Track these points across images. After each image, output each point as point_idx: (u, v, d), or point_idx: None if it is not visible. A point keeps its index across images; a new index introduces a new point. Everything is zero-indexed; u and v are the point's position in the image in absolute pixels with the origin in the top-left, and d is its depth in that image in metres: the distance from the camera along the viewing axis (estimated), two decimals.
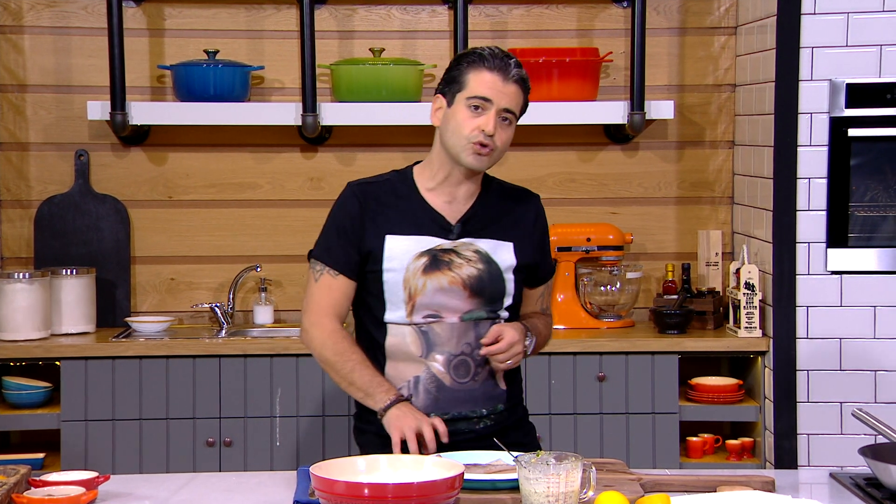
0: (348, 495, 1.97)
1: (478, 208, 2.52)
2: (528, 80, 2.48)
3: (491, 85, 2.41)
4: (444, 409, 2.46)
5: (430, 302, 2.45)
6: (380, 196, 2.51)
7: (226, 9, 4.17)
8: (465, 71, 2.44)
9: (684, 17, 4.17)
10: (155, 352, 3.77)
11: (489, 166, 2.47)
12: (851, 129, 3.60)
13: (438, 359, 2.46)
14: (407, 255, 2.46)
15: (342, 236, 2.50)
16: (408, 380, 2.47)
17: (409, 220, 2.48)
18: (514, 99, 2.44)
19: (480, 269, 2.47)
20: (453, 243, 2.48)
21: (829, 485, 2.36)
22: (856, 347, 3.63)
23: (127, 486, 2.29)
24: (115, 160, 4.18)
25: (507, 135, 2.45)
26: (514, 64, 2.44)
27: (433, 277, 2.45)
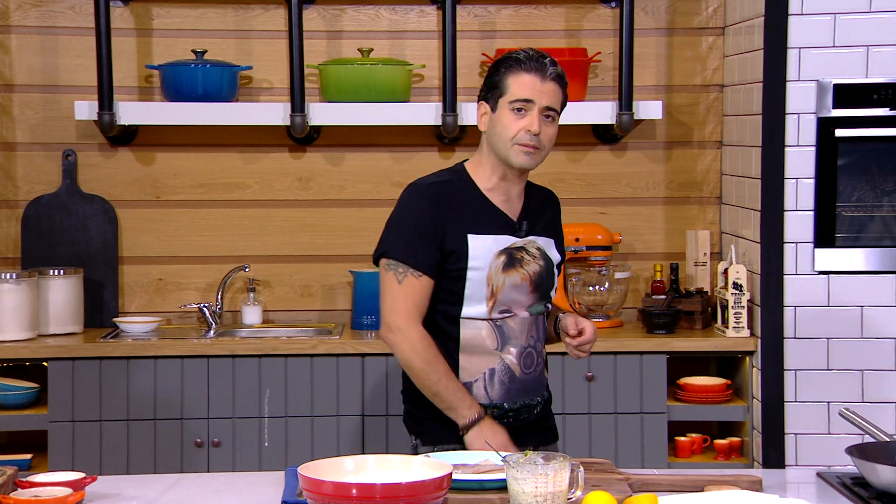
0: (336, 495, 1.97)
1: (528, 207, 2.64)
2: (564, 75, 2.58)
3: (531, 86, 2.52)
4: (514, 399, 2.59)
5: (506, 298, 2.56)
6: (449, 196, 2.57)
7: (213, 9, 4.16)
8: (505, 76, 2.54)
9: (672, 18, 4.18)
10: (143, 352, 3.76)
11: (538, 164, 2.57)
12: (839, 130, 3.61)
13: (512, 351, 2.57)
14: (489, 254, 2.54)
15: (423, 237, 2.53)
16: (483, 372, 2.57)
17: (484, 220, 2.56)
18: (554, 96, 2.54)
19: (541, 266, 2.60)
20: (523, 241, 2.59)
21: (817, 484, 2.36)
22: (843, 347, 3.64)
23: (114, 487, 2.29)
24: (103, 160, 4.17)
25: (551, 131, 2.55)
26: (549, 63, 2.54)
27: (510, 275, 2.55)
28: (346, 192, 4.22)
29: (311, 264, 4.23)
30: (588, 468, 2.27)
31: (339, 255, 4.22)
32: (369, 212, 4.21)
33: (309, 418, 3.79)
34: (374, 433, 3.79)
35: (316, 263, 4.23)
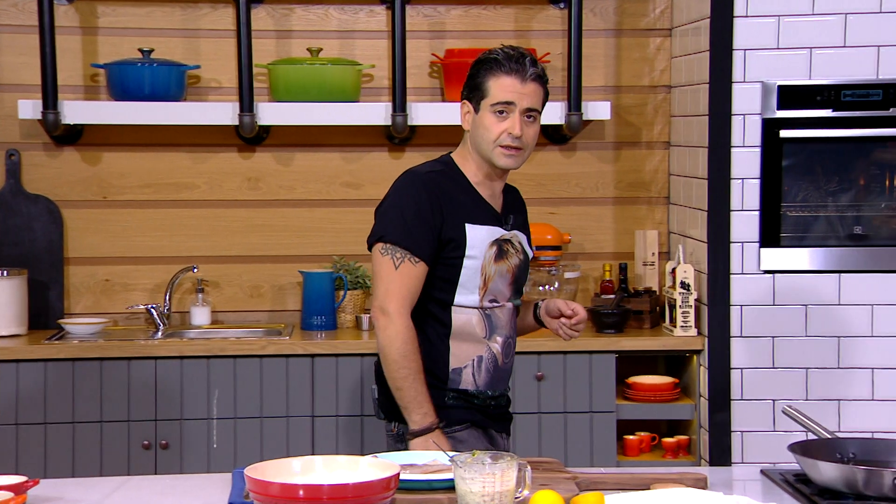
0: (283, 497, 1.96)
1: (508, 202, 2.71)
2: (545, 73, 2.60)
3: (511, 89, 2.54)
4: (495, 386, 2.66)
5: (494, 288, 2.62)
6: (445, 185, 2.60)
7: (161, 7, 4.12)
8: (486, 77, 2.57)
9: (620, 19, 4.21)
10: (88, 354, 3.72)
11: (521, 164, 2.62)
12: (783, 131, 3.66)
13: (499, 340, 2.65)
14: (484, 244, 2.60)
15: (422, 223, 2.54)
16: (472, 358, 2.62)
17: (478, 210, 2.61)
18: (535, 97, 2.56)
19: (521, 260, 2.68)
20: (510, 234, 2.66)
21: (761, 481, 2.39)
22: (788, 345, 3.69)
23: (57, 491, 2.26)
24: (48, 160, 4.12)
25: (533, 131, 2.58)
26: (529, 62, 2.56)
27: (499, 265, 2.62)
28: (295, 192, 4.20)
29: (260, 265, 4.20)
30: (535, 467, 2.28)
31: (288, 256, 4.20)
32: (319, 212, 4.20)
33: (258, 420, 3.77)
34: (323, 434, 3.78)
35: (265, 264, 4.20)
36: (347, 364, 3.78)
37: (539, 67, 2.58)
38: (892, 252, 3.69)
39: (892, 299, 3.66)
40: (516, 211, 2.73)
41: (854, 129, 3.65)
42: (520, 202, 2.79)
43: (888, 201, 3.75)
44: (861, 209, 3.74)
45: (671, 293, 3.91)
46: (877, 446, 2.35)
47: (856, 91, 3.63)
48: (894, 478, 2.11)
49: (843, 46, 3.62)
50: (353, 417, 3.79)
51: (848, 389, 3.67)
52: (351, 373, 3.78)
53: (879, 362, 3.67)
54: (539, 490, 2.06)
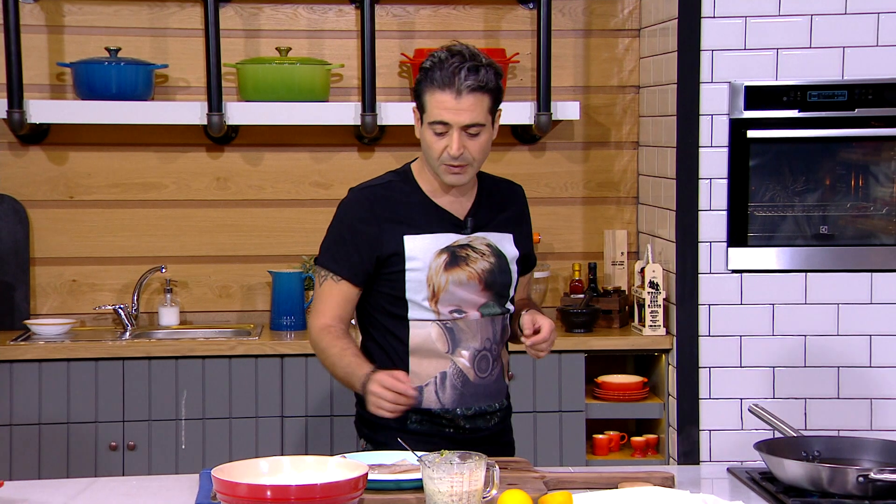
0: (251, 497, 1.95)
1: (480, 203, 2.55)
2: (486, 79, 2.39)
3: (445, 107, 2.38)
4: (468, 404, 2.51)
5: (451, 298, 2.48)
6: (386, 199, 2.50)
7: (128, 6, 4.10)
8: (423, 91, 2.42)
9: (589, 20, 4.23)
10: (55, 355, 3.69)
11: (469, 180, 2.48)
12: (750, 131, 3.68)
13: (464, 354, 2.50)
14: (428, 253, 2.47)
15: (348, 242, 2.49)
16: (434, 376, 2.49)
17: (423, 219, 2.49)
18: (474, 111, 2.39)
19: (492, 263, 2.51)
20: (469, 238, 2.51)
21: (728, 479, 2.40)
22: (755, 344, 3.71)
23: (22, 493, 2.24)
24: (13, 159, 4.08)
25: (478, 144, 2.43)
26: (465, 73, 2.37)
27: (454, 273, 2.48)
28: (264, 192, 4.19)
29: (229, 265, 4.19)
30: (504, 467, 2.29)
31: (257, 256, 4.18)
32: (288, 212, 4.18)
33: (227, 420, 3.75)
34: (293, 435, 3.77)
35: (234, 264, 4.19)
36: (317, 364, 3.73)
37: (478, 77, 2.38)
38: (857, 252, 3.73)
39: (857, 298, 3.70)
40: (497, 210, 2.57)
41: (820, 130, 3.68)
42: (512, 200, 2.61)
43: (854, 201, 3.78)
44: (827, 209, 3.77)
45: (640, 293, 3.93)
46: (842, 444, 2.37)
47: (822, 92, 3.66)
48: (858, 476, 2.13)
49: (809, 47, 3.65)
50: (322, 418, 3.78)
51: (814, 388, 3.70)
52: (320, 373, 3.77)
53: (845, 361, 3.70)
54: (507, 490, 2.07)
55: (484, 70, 2.40)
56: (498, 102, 2.46)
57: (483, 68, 2.40)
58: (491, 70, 2.42)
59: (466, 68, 2.38)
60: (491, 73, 2.42)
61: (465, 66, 2.38)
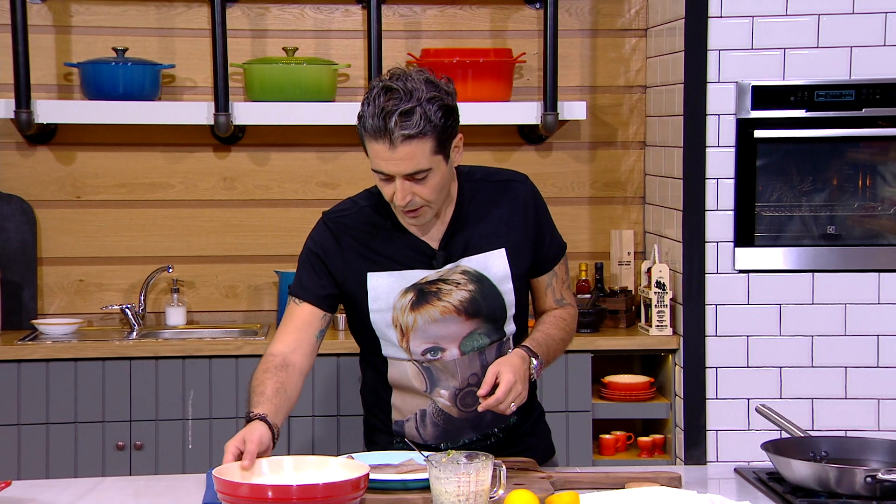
0: (252, 498, 1.95)
1: (458, 221, 2.33)
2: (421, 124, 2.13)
3: (381, 156, 2.17)
4: (454, 438, 2.38)
5: (425, 335, 2.32)
6: (356, 228, 2.33)
7: (135, 6, 4.10)
8: (363, 140, 2.21)
9: (595, 19, 4.22)
10: (63, 354, 3.70)
11: (432, 216, 2.28)
12: (757, 131, 3.68)
13: (444, 394, 2.35)
14: (392, 294, 2.30)
15: (313, 268, 2.34)
16: (414, 412, 2.37)
17: (389, 255, 2.31)
18: (412, 160, 2.16)
19: (472, 290, 2.31)
20: (438, 272, 2.31)
21: (735, 480, 2.40)
22: (762, 345, 3.71)
23: (29, 492, 2.24)
24: (21, 159, 4.09)
25: (428, 188, 2.21)
26: (397, 122, 2.12)
27: (423, 312, 2.30)
28: (271, 191, 4.19)
29: (236, 265, 4.19)
30: (510, 467, 2.28)
31: (264, 256, 4.19)
32: (295, 212, 4.19)
33: (234, 420, 3.75)
34: (299, 435, 3.77)
35: (241, 264, 4.19)
36: (323, 364, 3.78)
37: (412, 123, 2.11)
38: (864, 252, 3.72)
39: (864, 299, 3.69)
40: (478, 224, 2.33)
41: (827, 130, 3.68)
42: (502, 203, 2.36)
43: (861, 201, 3.77)
44: (834, 209, 3.76)
45: (646, 293, 3.92)
46: (849, 444, 2.36)
47: (829, 91, 3.65)
48: (866, 476, 2.13)
49: (817, 47, 3.64)
50: (328, 417, 3.78)
51: (821, 388, 3.69)
52: (326, 373, 3.77)
53: (852, 361, 3.69)
54: (514, 490, 2.07)
55: (420, 113, 2.14)
56: (447, 139, 2.20)
57: (418, 109, 2.13)
58: (433, 105, 2.15)
59: (398, 114, 2.12)
60: (433, 109, 2.14)
61: (396, 111, 2.13)
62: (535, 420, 2.52)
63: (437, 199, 2.25)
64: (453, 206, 2.34)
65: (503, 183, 2.40)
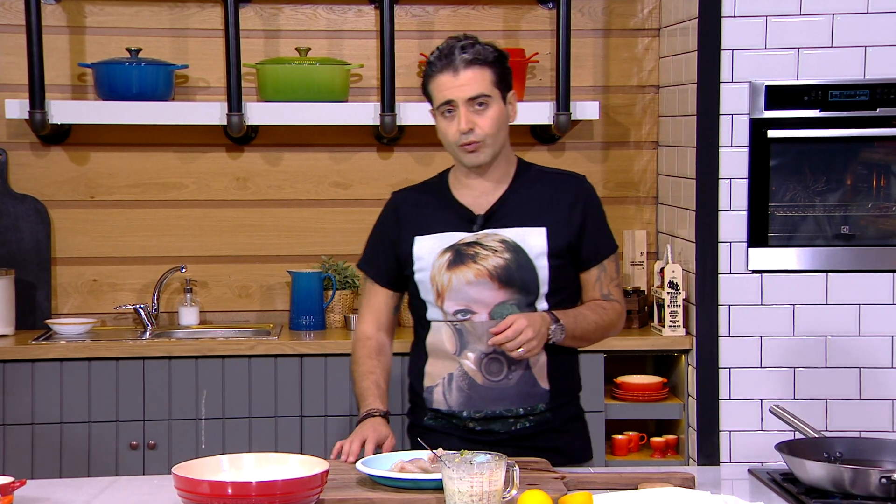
0: (212, 494, 1.96)
1: (507, 198, 2.50)
2: (483, 53, 2.42)
3: (446, 86, 2.42)
4: (478, 407, 2.47)
5: (458, 296, 2.46)
6: (415, 201, 2.56)
7: (148, 6, 4.11)
8: (428, 84, 2.48)
9: (608, 19, 4.22)
10: (76, 354, 3.71)
11: (490, 157, 2.46)
12: (771, 131, 3.67)
13: (470, 356, 2.46)
14: (432, 254, 2.48)
15: (379, 245, 2.60)
16: (443, 376, 2.50)
17: (437, 219, 2.51)
18: (474, 83, 2.41)
19: (508, 259, 2.45)
20: (475, 235, 2.47)
21: (748, 480, 2.40)
22: (776, 345, 3.70)
23: (44, 491, 2.25)
24: (35, 159, 4.11)
25: (487, 118, 2.42)
26: (459, 50, 2.41)
27: (458, 272, 2.45)
28: (284, 191, 4.20)
29: (249, 265, 4.20)
30: (523, 467, 2.28)
31: (277, 256, 4.19)
32: (307, 212, 4.19)
33: (247, 420, 3.76)
34: (312, 434, 3.77)
35: (254, 264, 4.20)
36: (336, 364, 3.78)
37: (475, 50, 2.41)
38: (879, 252, 3.71)
39: (878, 299, 3.68)
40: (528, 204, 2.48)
41: (841, 129, 3.67)
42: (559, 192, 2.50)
43: (875, 201, 3.76)
44: (848, 209, 3.75)
45: (659, 293, 3.91)
46: (864, 445, 2.36)
47: (843, 91, 3.64)
48: (881, 477, 2.12)
49: (831, 47, 3.63)
50: (341, 417, 3.79)
51: (835, 389, 3.68)
52: (340, 373, 3.78)
53: (866, 362, 3.68)
54: (527, 490, 2.07)
55: (480, 47, 2.43)
56: (504, 80, 2.46)
57: (479, 45, 2.43)
58: (490, 48, 2.45)
59: (460, 46, 2.42)
60: (489, 49, 2.44)
61: (458, 44, 2.43)
62: (569, 418, 2.58)
63: (495, 135, 2.44)
64: (506, 186, 2.51)
65: (558, 176, 2.58)
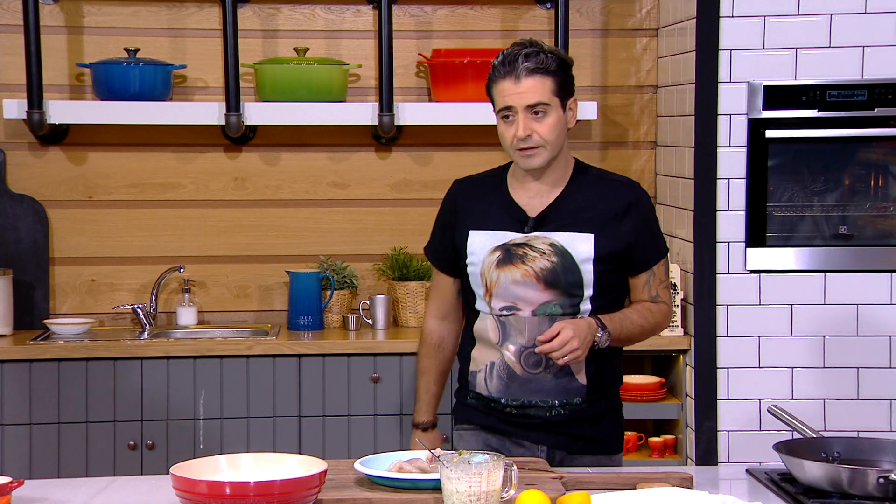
0: (210, 494, 1.96)
1: (561, 202, 2.56)
2: (546, 62, 2.47)
3: (507, 92, 2.49)
4: (515, 396, 2.57)
5: (505, 294, 2.54)
6: (473, 192, 2.64)
7: (146, 6, 4.11)
8: (491, 87, 2.54)
9: (607, 19, 4.22)
10: (74, 354, 3.71)
11: (545, 161, 2.52)
12: (769, 131, 3.67)
13: (511, 348, 2.55)
14: (483, 250, 2.56)
15: (439, 233, 2.69)
16: (486, 363, 2.59)
17: (491, 216, 2.58)
18: (535, 92, 2.47)
19: (554, 262, 2.52)
20: (526, 237, 2.55)
21: (747, 480, 2.40)
22: (774, 345, 3.70)
23: (42, 492, 2.25)
24: (33, 159, 4.10)
25: (546, 126, 2.49)
26: (523, 58, 2.47)
27: (506, 271, 2.53)
28: (282, 191, 4.20)
29: (247, 265, 4.20)
30: (522, 467, 2.29)
31: (275, 256, 4.19)
32: (306, 212, 4.19)
33: (245, 420, 3.76)
34: (310, 434, 3.77)
35: (252, 264, 4.20)
36: (334, 364, 3.78)
37: (538, 59, 2.47)
38: (876, 252, 3.71)
39: (876, 299, 3.68)
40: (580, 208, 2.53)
41: (839, 130, 3.67)
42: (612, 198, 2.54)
43: (873, 201, 3.76)
44: (846, 209, 3.75)
45: None
46: (862, 445, 2.36)
47: (841, 91, 3.64)
48: (879, 477, 2.12)
49: (829, 47, 3.63)
50: (339, 417, 3.79)
51: (833, 389, 3.68)
52: (338, 373, 3.78)
53: (864, 362, 3.68)
54: (525, 490, 2.07)
55: (544, 55, 2.49)
56: (565, 88, 2.51)
57: (543, 54, 2.49)
58: (553, 56, 2.50)
59: (524, 54, 2.48)
60: (552, 58, 2.49)
61: (522, 52, 2.48)
62: (604, 411, 2.61)
63: (553, 142, 2.50)
64: (561, 189, 2.57)
65: (613, 182, 2.62)
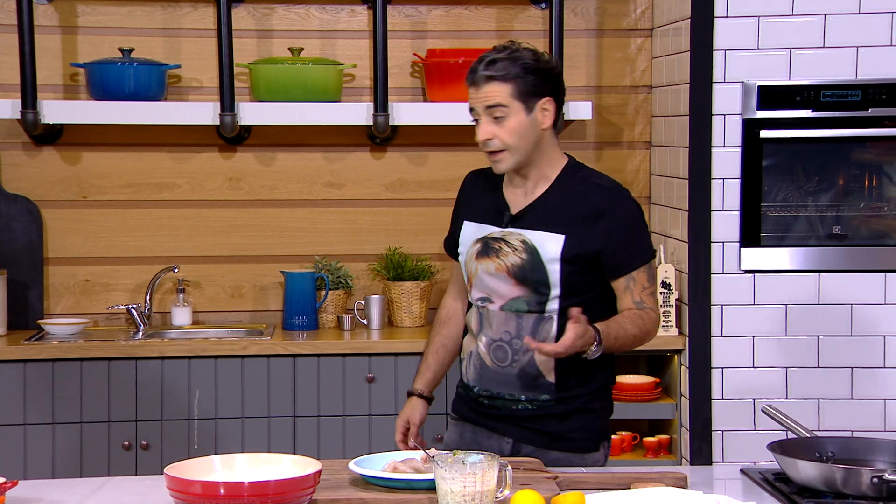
0: (204, 495, 1.96)
1: (541, 200, 2.60)
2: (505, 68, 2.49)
3: (471, 96, 2.56)
4: (486, 386, 2.64)
5: (481, 285, 2.62)
6: (478, 184, 2.71)
7: (141, 6, 4.11)
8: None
9: (601, 19, 4.22)
10: (69, 354, 3.71)
11: (512, 165, 2.56)
12: (763, 131, 3.67)
13: (483, 340, 2.63)
14: (469, 240, 2.66)
15: (452, 221, 2.76)
16: (469, 352, 2.68)
17: (482, 209, 2.66)
18: (492, 94, 2.51)
19: (524, 259, 2.57)
20: (503, 232, 2.61)
21: (741, 480, 2.40)
22: (768, 345, 3.70)
23: (36, 492, 2.25)
24: (27, 159, 4.10)
25: (506, 129, 2.52)
26: (484, 65, 2.51)
27: (483, 263, 2.61)
28: (277, 192, 4.19)
29: (241, 265, 4.20)
30: (516, 467, 2.29)
31: (270, 256, 4.19)
32: (301, 212, 4.19)
33: (239, 420, 3.76)
34: (305, 435, 3.77)
35: (247, 264, 4.20)
36: (329, 364, 3.78)
37: (496, 67, 2.48)
38: (871, 252, 3.71)
39: (870, 299, 3.68)
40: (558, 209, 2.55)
41: (833, 130, 3.67)
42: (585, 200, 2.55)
43: (867, 201, 3.77)
44: (840, 209, 3.76)
45: None
46: (855, 445, 2.37)
47: (835, 91, 3.65)
48: (873, 476, 2.12)
49: (823, 47, 3.64)
50: (334, 418, 3.79)
51: (827, 389, 3.69)
52: (332, 373, 3.78)
53: (858, 362, 3.69)
54: (520, 490, 2.07)
55: (507, 62, 2.50)
56: (533, 90, 2.50)
57: (506, 60, 2.50)
58: (518, 62, 2.50)
59: (486, 62, 2.52)
60: (516, 64, 2.50)
61: (485, 59, 2.53)
62: (573, 409, 2.60)
63: (516, 145, 2.53)
64: (545, 189, 2.60)
65: (594, 186, 2.61)
